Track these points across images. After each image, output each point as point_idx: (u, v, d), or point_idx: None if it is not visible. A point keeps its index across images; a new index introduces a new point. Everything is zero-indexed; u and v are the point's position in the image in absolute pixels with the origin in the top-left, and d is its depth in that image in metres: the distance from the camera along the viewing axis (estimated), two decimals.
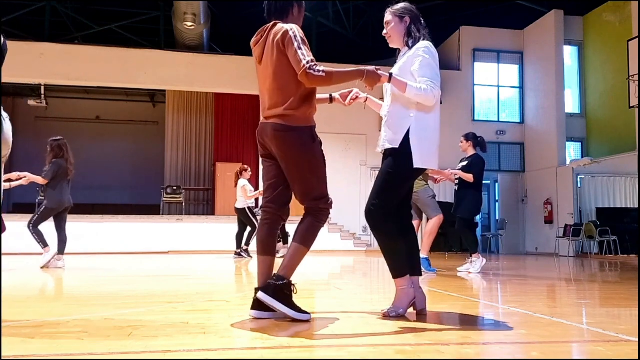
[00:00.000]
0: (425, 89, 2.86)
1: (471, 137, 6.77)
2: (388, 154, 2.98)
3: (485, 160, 6.69)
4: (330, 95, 3.22)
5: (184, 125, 16.62)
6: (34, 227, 6.89)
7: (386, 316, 2.89)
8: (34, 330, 2.55)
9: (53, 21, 15.29)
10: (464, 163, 6.67)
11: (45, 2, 14.64)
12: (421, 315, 2.94)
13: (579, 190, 14.13)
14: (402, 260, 2.95)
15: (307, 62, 2.67)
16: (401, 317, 2.87)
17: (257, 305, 2.78)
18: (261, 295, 2.73)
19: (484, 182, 7.08)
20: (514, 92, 16.07)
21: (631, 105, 11.58)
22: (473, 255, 6.66)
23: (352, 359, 2.01)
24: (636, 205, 13.39)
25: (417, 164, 2.90)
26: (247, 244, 9.67)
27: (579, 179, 14.11)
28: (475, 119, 15.46)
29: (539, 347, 2.24)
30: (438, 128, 3.01)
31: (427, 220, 6.68)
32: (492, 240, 15.54)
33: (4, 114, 2.98)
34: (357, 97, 3.21)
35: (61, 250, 6.99)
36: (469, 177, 6.49)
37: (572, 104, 15.24)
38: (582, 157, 14.72)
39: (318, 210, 2.88)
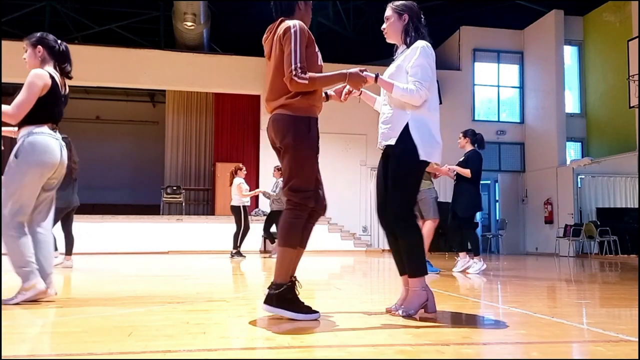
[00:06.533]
0: (411, 89, 2.88)
1: (469, 134, 6.81)
2: (391, 152, 2.98)
3: (482, 157, 6.75)
4: (326, 92, 3.18)
5: (184, 125, 16.62)
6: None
7: (390, 312, 2.94)
8: (34, 330, 2.55)
9: (53, 21, 15.27)
10: (461, 159, 6.76)
11: (45, 2, 14.63)
12: (428, 317, 2.87)
13: (579, 190, 14.13)
14: (423, 259, 2.95)
15: (295, 69, 2.70)
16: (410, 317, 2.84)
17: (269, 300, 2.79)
18: (265, 307, 2.75)
19: (483, 181, 7.13)
20: (514, 92, 16.07)
21: (631, 105, 11.58)
22: (475, 257, 6.63)
23: (352, 359, 2.01)
24: (636, 205, 13.39)
25: (422, 156, 2.90)
26: (238, 246, 9.59)
27: (579, 179, 14.11)
28: (476, 118, 15.44)
29: (539, 347, 2.24)
30: (438, 125, 3.02)
31: (423, 221, 6.69)
32: (492, 240, 15.54)
33: (59, 136, 3.46)
34: (350, 91, 3.16)
35: (69, 251, 7.11)
36: (466, 172, 6.55)
37: (572, 104, 15.24)
38: (582, 157, 14.72)
39: (293, 204, 2.82)
